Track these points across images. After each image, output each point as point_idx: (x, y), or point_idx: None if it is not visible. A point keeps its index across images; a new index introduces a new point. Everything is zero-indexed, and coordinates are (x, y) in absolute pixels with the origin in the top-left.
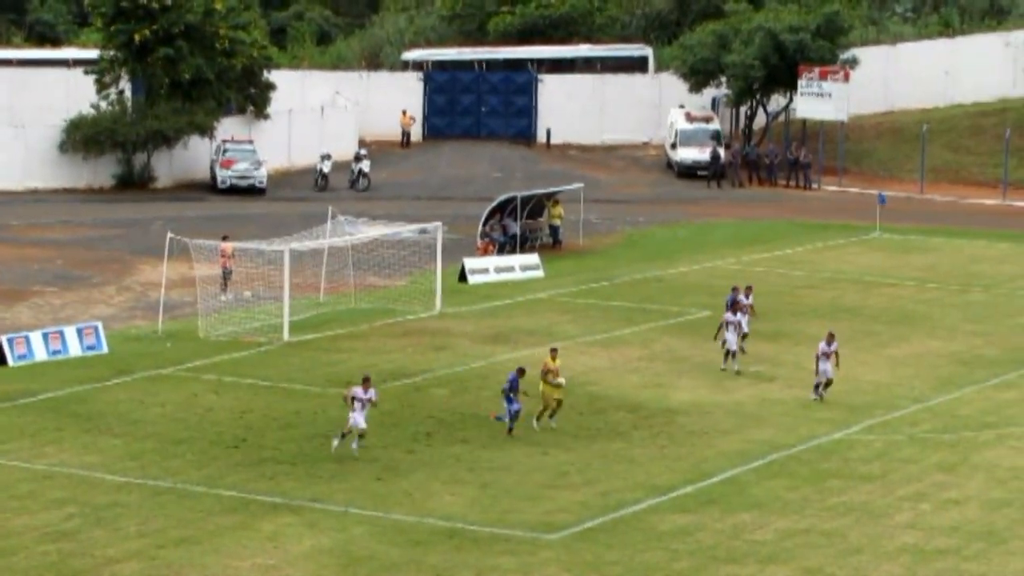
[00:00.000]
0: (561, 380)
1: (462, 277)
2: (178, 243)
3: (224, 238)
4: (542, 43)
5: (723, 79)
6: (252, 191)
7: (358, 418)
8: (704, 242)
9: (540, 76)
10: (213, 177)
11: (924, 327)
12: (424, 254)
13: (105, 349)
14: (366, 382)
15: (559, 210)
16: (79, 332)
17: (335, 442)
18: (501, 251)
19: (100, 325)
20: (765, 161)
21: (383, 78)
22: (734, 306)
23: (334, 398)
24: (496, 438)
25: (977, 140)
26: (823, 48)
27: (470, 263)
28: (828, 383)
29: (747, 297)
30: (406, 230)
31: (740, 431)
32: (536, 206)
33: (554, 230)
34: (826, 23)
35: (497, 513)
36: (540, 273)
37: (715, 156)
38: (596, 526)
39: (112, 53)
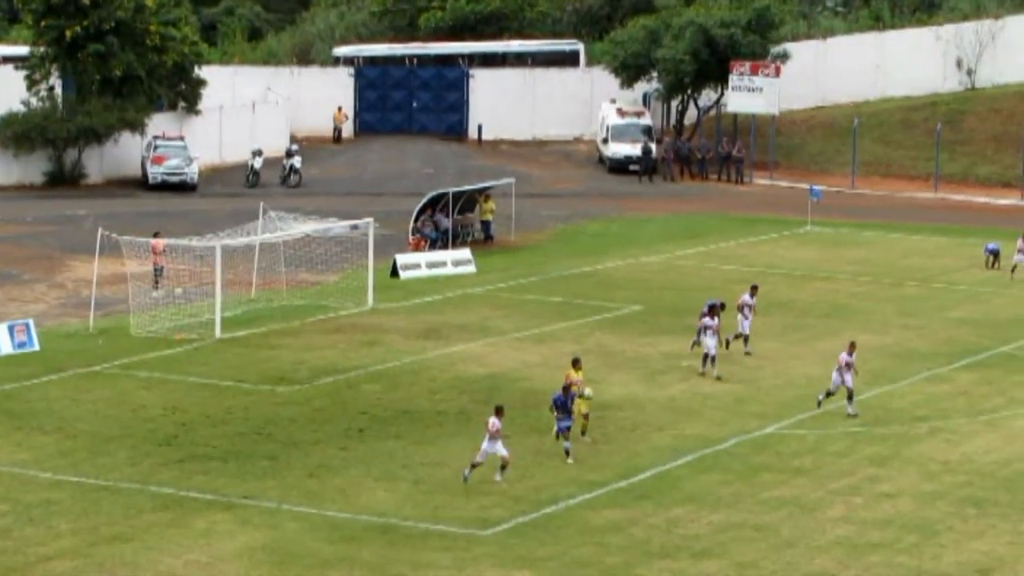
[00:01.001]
0: (587, 391)
1: (394, 273)
2: (109, 240)
3: (155, 235)
4: (473, 38)
5: (654, 74)
6: (183, 187)
7: (495, 447)
8: (636, 237)
9: (471, 71)
10: (144, 173)
11: (856, 321)
12: (356, 250)
13: (36, 346)
14: (499, 412)
15: (491, 205)
16: (10, 329)
17: (466, 472)
18: (433, 247)
19: (31, 322)
20: (697, 156)
21: (314, 74)
22: (711, 311)
23: (265, 395)
24: (429, 434)
25: (908, 134)
26: (754, 43)
27: (402, 259)
28: (850, 395)
29: (751, 296)
30: (338, 226)
31: (673, 426)
32: (468, 201)
33: (486, 225)
34: (757, 18)
35: (431, 509)
36: (472, 268)
37: (646, 151)
38: (529, 521)
39: (43, 49)
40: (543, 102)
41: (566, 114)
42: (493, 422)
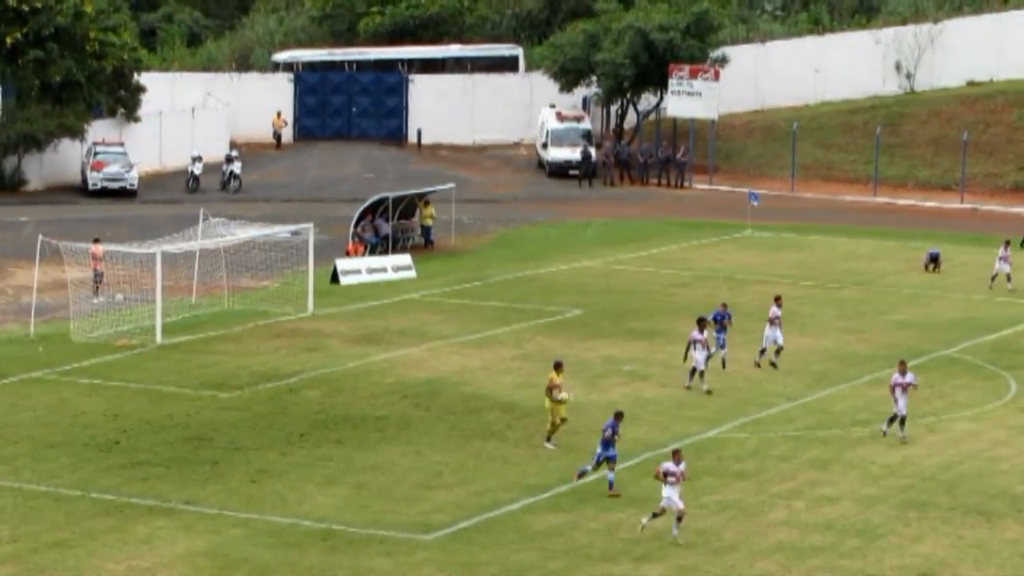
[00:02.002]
0: (564, 395)
1: (334, 278)
2: (49, 246)
3: (95, 241)
4: (412, 43)
5: (593, 78)
6: (123, 193)
7: (672, 496)
8: (576, 241)
9: (411, 76)
10: (84, 180)
11: (796, 324)
12: (296, 255)
13: None
14: (676, 454)
15: (431, 210)
16: None
17: (644, 521)
18: (373, 252)
19: None
20: (639, 160)
21: (254, 79)
22: (700, 324)
23: (206, 400)
24: (370, 439)
25: (847, 137)
26: (693, 47)
27: (342, 264)
28: (902, 420)
29: (777, 308)
30: (278, 231)
31: None
32: (408, 207)
33: (426, 230)
34: (696, 22)
35: (372, 514)
36: (412, 274)
37: (586, 155)
38: (471, 526)
39: None
40: (483, 107)
41: (506, 119)
42: (669, 466)
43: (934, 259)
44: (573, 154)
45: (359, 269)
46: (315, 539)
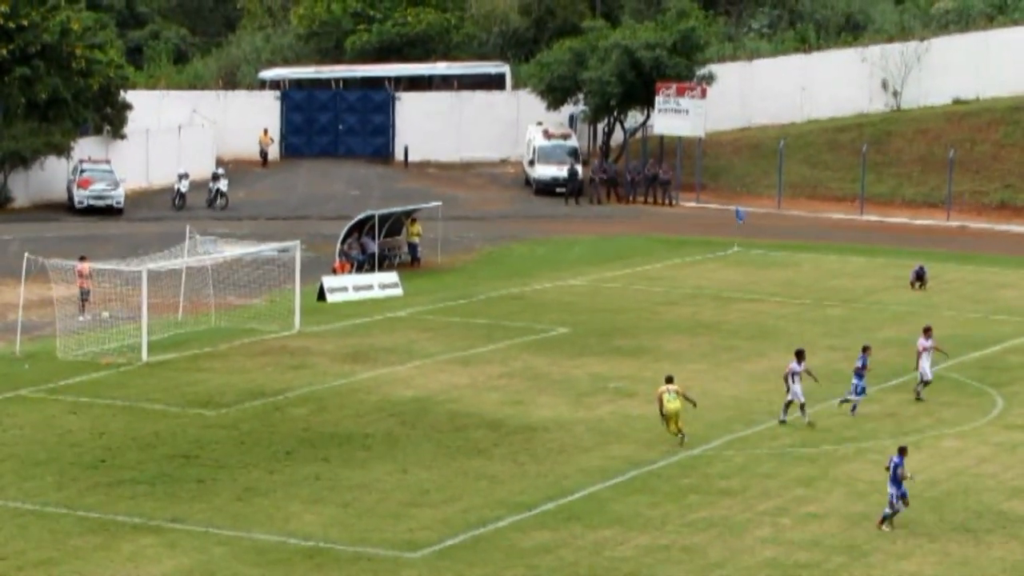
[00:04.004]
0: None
1: (321, 296)
2: (36, 264)
3: (82, 258)
4: (399, 61)
5: (580, 96)
6: (110, 211)
7: None
8: (563, 259)
9: (398, 94)
10: (70, 197)
11: (782, 342)
12: (283, 273)
13: None
14: None
15: (417, 228)
16: None
17: None
18: (360, 269)
19: None
20: (627, 177)
21: (240, 97)
22: (799, 356)
23: (192, 418)
24: (356, 457)
25: (834, 155)
26: (679, 65)
27: (329, 281)
28: None
29: (927, 339)
30: (264, 249)
31: (601, 447)
32: (394, 224)
33: (412, 248)
34: (682, 40)
35: (359, 532)
36: (399, 291)
37: (573, 173)
38: (458, 544)
39: None
40: (470, 124)
41: (493, 136)
42: None
43: (920, 276)
44: (560, 172)
45: (346, 287)
46: (302, 557)
